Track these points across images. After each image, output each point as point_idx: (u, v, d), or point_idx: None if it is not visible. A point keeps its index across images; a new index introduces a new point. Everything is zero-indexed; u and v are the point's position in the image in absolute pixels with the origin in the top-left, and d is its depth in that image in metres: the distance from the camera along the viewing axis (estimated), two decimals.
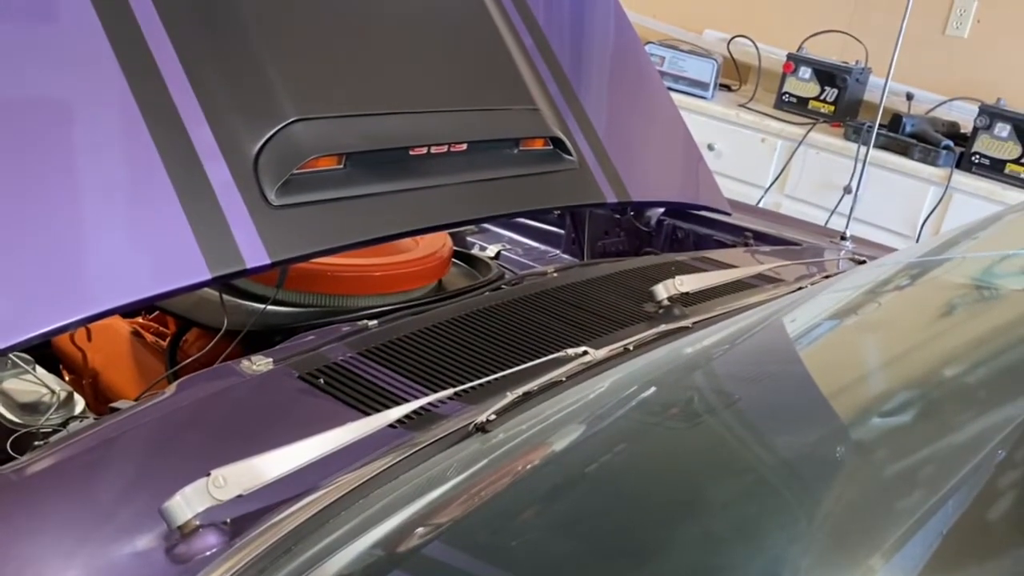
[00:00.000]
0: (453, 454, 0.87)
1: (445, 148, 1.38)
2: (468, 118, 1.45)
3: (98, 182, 1.08)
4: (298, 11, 1.32)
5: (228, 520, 0.79)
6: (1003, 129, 3.19)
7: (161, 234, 1.09)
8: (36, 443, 1.08)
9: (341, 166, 1.26)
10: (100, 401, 1.51)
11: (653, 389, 0.97)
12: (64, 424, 1.24)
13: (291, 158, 1.19)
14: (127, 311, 1.66)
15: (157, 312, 1.66)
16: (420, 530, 0.77)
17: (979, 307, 1.18)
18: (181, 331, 1.55)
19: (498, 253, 2.01)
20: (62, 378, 1.54)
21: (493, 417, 0.90)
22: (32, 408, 1.25)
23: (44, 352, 1.57)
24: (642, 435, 0.88)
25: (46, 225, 1.03)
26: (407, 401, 0.96)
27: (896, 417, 0.95)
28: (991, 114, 3.21)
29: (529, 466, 0.83)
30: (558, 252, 2.22)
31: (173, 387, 1.04)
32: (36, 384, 1.28)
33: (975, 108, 3.30)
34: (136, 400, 1.19)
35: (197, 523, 0.77)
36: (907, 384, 1.00)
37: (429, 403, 0.97)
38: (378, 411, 0.93)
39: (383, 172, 1.30)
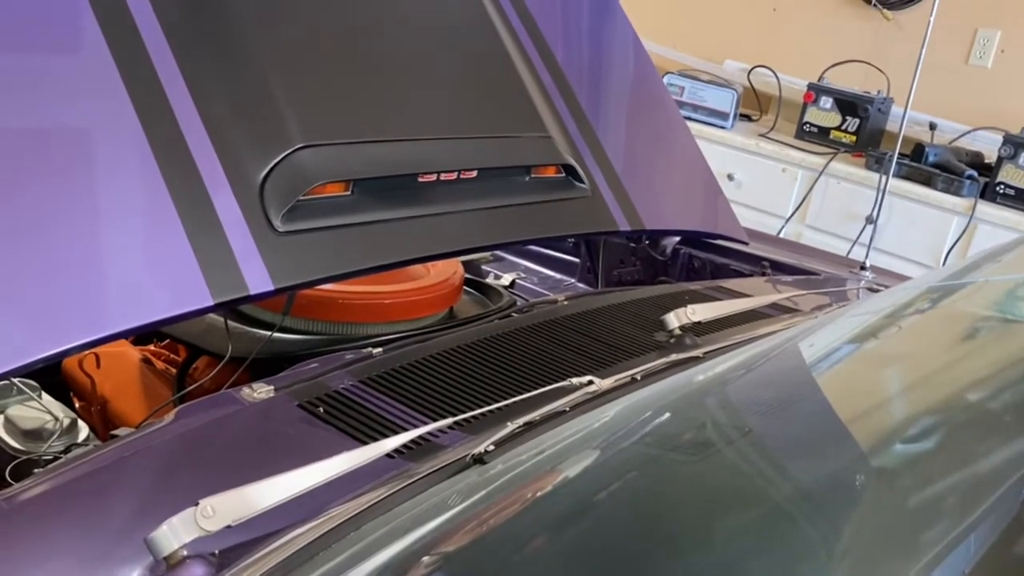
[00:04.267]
0: (450, 485, 0.85)
1: (455, 175, 1.37)
2: (479, 145, 1.44)
3: (101, 204, 1.07)
4: (308, 37, 1.32)
5: (216, 552, 0.77)
6: None
7: (164, 259, 1.09)
8: (36, 470, 1.07)
9: (348, 192, 1.25)
10: (109, 429, 1.51)
11: (658, 419, 0.95)
12: (66, 451, 1.23)
13: (297, 184, 1.18)
14: (133, 337, 1.68)
15: (168, 340, 1.65)
16: (413, 564, 0.74)
17: (1000, 335, 1.14)
18: (191, 359, 1.54)
19: (513, 282, 2.00)
20: (72, 405, 1.54)
21: (491, 448, 0.88)
22: (35, 435, 1.24)
23: (55, 380, 1.57)
24: (646, 466, 0.85)
25: (49, 250, 1.03)
26: (407, 431, 0.94)
27: (911, 452, 0.91)
28: (1015, 144, 3.17)
29: (527, 498, 0.80)
30: (573, 281, 2.21)
31: (172, 415, 1.02)
32: (41, 411, 1.28)
33: (999, 138, 3.26)
34: (137, 427, 1.17)
35: (184, 554, 0.75)
36: (923, 416, 0.97)
37: (428, 433, 0.95)
38: (377, 440, 0.91)
39: (391, 199, 1.29)
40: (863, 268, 1.90)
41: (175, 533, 0.74)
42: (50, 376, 1.52)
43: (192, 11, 1.21)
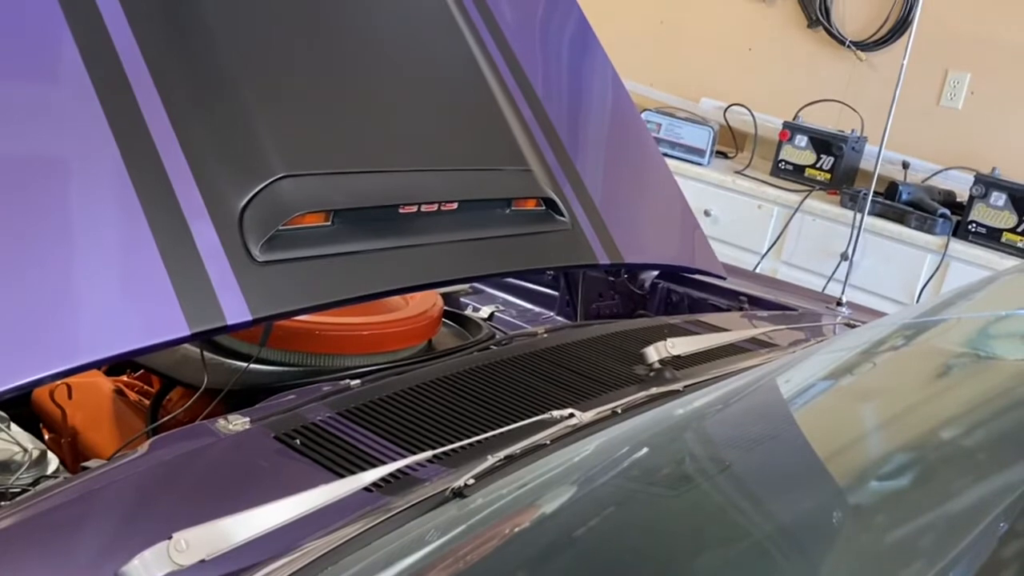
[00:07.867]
0: (429, 520, 0.83)
1: (435, 206, 1.37)
2: (459, 177, 1.44)
3: (76, 231, 1.06)
4: (291, 68, 1.32)
5: None
6: (999, 198, 3.20)
7: (140, 288, 1.07)
8: (3, 503, 1.04)
9: (328, 223, 1.24)
10: (79, 461, 1.47)
11: (639, 453, 0.94)
12: (35, 484, 1.20)
13: (277, 214, 1.17)
14: (108, 367, 1.65)
15: (142, 371, 1.63)
16: None
17: (976, 373, 1.15)
18: (164, 389, 1.52)
19: (491, 314, 2.00)
20: (41, 437, 1.51)
21: (472, 481, 0.87)
22: (3, 467, 1.21)
23: (25, 410, 1.53)
24: (627, 501, 0.85)
25: (20, 276, 1.01)
26: (385, 464, 0.93)
27: (889, 488, 0.91)
28: (986, 183, 3.23)
29: (508, 533, 0.79)
30: (552, 314, 2.21)
31: (145, 446, 1.00)
32: (9, 442, 1.25)
33: (970, 177, 3.32)
34: (109, 459, 1.15)
35: None
36: (900, 452, 0.97)
37: (406, 466, 0.93)
38: (354, 474, 0.90)
39: (371, 229, 1.28)
40: (839, 304, 1.91)
41: (147, 567, 0.72)
42: (19, 407, 1.49)
43: (174, 40, 1.20)
